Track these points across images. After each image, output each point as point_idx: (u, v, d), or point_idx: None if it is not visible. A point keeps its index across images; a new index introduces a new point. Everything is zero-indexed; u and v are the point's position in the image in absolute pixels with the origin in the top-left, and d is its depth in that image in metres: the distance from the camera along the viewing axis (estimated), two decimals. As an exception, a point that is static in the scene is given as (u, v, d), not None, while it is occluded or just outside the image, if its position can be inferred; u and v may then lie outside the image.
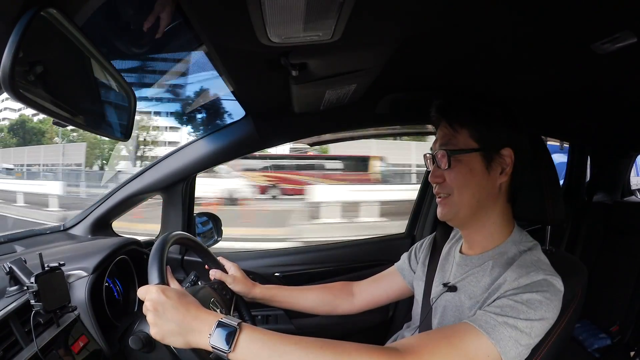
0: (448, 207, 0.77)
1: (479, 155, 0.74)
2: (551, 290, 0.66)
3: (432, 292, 0.85)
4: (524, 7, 0.67)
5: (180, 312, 0.62)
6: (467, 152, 0.75)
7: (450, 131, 0.77)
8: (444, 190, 0.78)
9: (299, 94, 0.97)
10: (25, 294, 0.73)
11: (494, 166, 0.75)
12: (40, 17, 0.46)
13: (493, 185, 0.75)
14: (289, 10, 0.58)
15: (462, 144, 0.75)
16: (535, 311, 0.63)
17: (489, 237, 0.78)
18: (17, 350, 0.67)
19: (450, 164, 0.75)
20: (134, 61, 1.01)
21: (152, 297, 0.63)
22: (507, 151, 0.74)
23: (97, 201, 1.31)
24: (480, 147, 0.74)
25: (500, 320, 0.63)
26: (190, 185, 1.36)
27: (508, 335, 0.62)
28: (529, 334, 0.63)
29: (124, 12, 0.77)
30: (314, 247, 1.61)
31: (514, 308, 0.64)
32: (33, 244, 1.12)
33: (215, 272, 0.97)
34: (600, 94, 1.17)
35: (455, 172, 0.75)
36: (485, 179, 0.75)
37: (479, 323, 0.63)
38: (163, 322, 0.61)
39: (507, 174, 0.75)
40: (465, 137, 0.75)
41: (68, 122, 0.58)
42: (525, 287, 0.66)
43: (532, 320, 0.63)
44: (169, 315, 0.61)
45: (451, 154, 0.75)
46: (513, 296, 0.65)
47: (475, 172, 0.74)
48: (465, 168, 0.75)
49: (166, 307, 0.62)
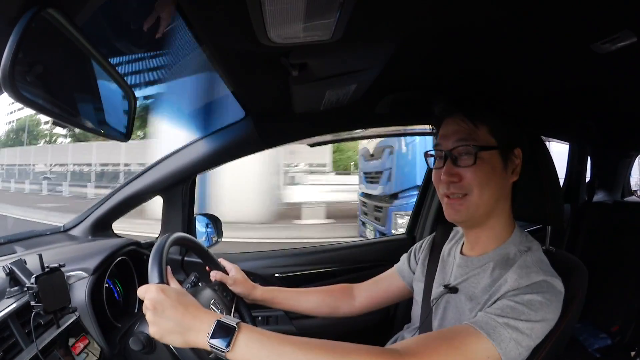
0: (465, 207, 0.73)
1: (497, 153, 0.73)
2: (551, 292, 0.66)
3: (432, 293, 0.85)
4: (524, 7, 0.68)
5: (179, 311, 0.61)
6: (490, 150, 0.72)
7: (471, 126, 0.73)
8: (460, 190, 0.73)
9: (299, 94, 0.97)
10: (25, 295, 0.73)
11: (509, 165, 0.74)
12: (40, 17, 0.46)
13: (507, 185, 0.75)
14: (289, 11, 0.58)
15: (482, 141, 0.72)
16: (536, 312, 0.63)
17: (492, 238, 0.77)
18: (17, 351, 0.67)
19: (476, 160, 0.71)
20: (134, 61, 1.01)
21: (152, 296, 0.63)
22: (518, 151, 0.74)
23: (97, 202, 1.31)
24: (500, 145, 0.73)
25: (501, 321, 0.62)
26: (191, 186, 1.36)
27: (509, 337, 0.61)
28: (529, 335, 0.63)
29: (124, 12, 0.77)
30: (315, 248, 1.61)
31: (514, 309, 0.63)
32: (33, 245, 1.12)
33: (216, 274, 0.97)
34: (600, 94, 1.17)
35: (476, 170, 0.72)
36: (503, 178, 0.74)
37: (479, 325, 0.63)
38: (162, 321, 0.61)
39: (517, 173, 0.75)
40: (485, 133, 0.73)
41: (68, 122, 0.57)
42: (525, 287, 0.65)
43: (533, 322, 0.63)
44: (168, 313, 0.61)
45: (477, 150, 0.71)
46: (514, 297, 0.65)
47: (496, 171, 0.72)
48: (487, 166, 0.72)
49: (165, 306, 0.61)
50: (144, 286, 0.66)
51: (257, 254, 1.56)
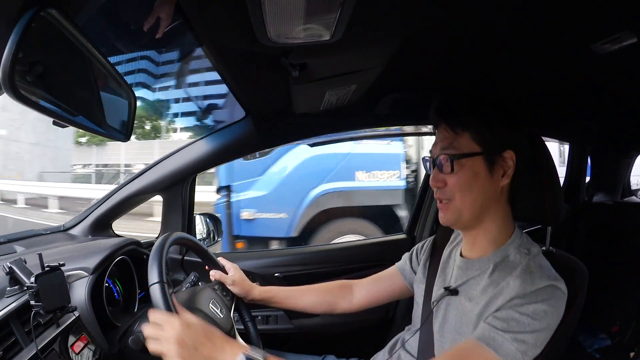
0: (450, 212, 0.76)
1: (481, 158, 0.73)
2: (556, 296, 0.67)
3: (432, 295, 0.85)
4: (524, 7, 0.67)
5: (207, 346, 0.63)
6: (470, 157, 0.73)
7: (451, 134, 0.75)
8: (445, 195, 0.76)
9: (299, 94, 0.97)
10: (25, 294, 0.73)
11: (497, 169, 0.74)
12: (40, 17, 0.46)
13: (495, 189, 0.75)
14: (289, 11, 0.58)
15: (464, 148, 0.73)
16: (540, 322, 0.64)
17: (491, 240, 0.77)
18: (17, 350, 0.67)
19: (454, 168, 0.73)
20: (134, 61, 1.01)
21: (177, 332, 0.63)
22: (508, 154, 0.73)
23: (96, 201, 1.31)
24: (483, 150, 0.73)
25: (507, 337, 0.64)
26: (191, 186, 1.36)
27: (515, 349, 0.63)
28: (534, 344, 0.64)
29: (124, 12, 0.77)
30: (315, 248, 1.61)
31: (519, 322, 0.64)
32: (33, 244, 1.12)
33: (215, 273, 0.97)
34: (600, 94, 1.17)
35: (457, 177, 0.73)
36: (488, 182, 0.74)
37: (486, 341, 0.64)
38: (189, 356, 0.62)
39: (509, 176, 0.74)
40: (467, 140, 0.73)
41: (68, 122, 0.57)
42: (530, 295, 0.66)
43: (538, 332, 0.64)
44: (196, 349, 0.62)
45: (454, 158, 0.73)
46: (519, 307, 0.65)
47: (479, 176, 0.73)
48: (468, 173, 0.73)
49: (193, 341, 0.62)
50: (165, 320, 0.65)
51: (257, 254, 1.57)
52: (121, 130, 0.75)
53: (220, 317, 0.84)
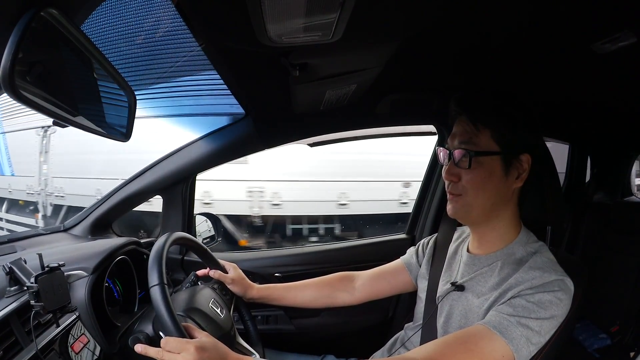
0: (460, 205, 0.75)
1: (499, 158, 0.72)
2: (563, 290, 0.68)
3: (437, 290, 0.85)
4: (524, 8, 0.68)
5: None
6: (489, 155, 0.72)
7: (472, 129, 0.73)
8: (457, 190, 0.75)
9: (299, 94, 0.97)
10: (25, 294, 0.73)
11: (512, 171, 0.73)
12: (40, 17, 0.46)
13: (507, 190, 0.74)
14: (289, 11, 0.58)
15: (483, 145, 0.72)
16: (545, 310, 0.65)
17: (498, 238, 0.78)
18: (17, 350, 0.67)
19: (471, 164, 0.72)
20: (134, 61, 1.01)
21: (193, 357, 0.63)
22: (525, 157, 0.73)
23: (97, 201, 1.31)
24: (502, 150, 0.72)
25: (512, 320, 0.65)
26: (190, 186, 1.36)
27: (520, 334, 0.64)
28: (539, 332, 0.65)
29: (124, 12, 0.77)
30: (315, 248, 1.61)
31: (526, 308, 0.65)
32: (33, 244, 1.12)
33: (214, 273, 0.97)
34: (600, 94, 1.17)
35: (473, 174, 0.73)
36: (502, 183, 0.73)
37: (492, 324, 0.65)
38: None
39: (523, 179, 0.74)
40: (487, 138, 0.72)
41: (68, 122, 0.57)
42: (538, 287, 0.67)
43: (542, 319, 0.65)
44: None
45: (473, 155, 0.72)
46: (526, 296, 0.67)
47: (494, 176, 0.72)
48: (484, 171, 0.72)
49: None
50: (178, 347, 0.64)
51: (257, 254, 1.56)
52: (121, 130, 0.75)
53: (220, 316, 0.84)
